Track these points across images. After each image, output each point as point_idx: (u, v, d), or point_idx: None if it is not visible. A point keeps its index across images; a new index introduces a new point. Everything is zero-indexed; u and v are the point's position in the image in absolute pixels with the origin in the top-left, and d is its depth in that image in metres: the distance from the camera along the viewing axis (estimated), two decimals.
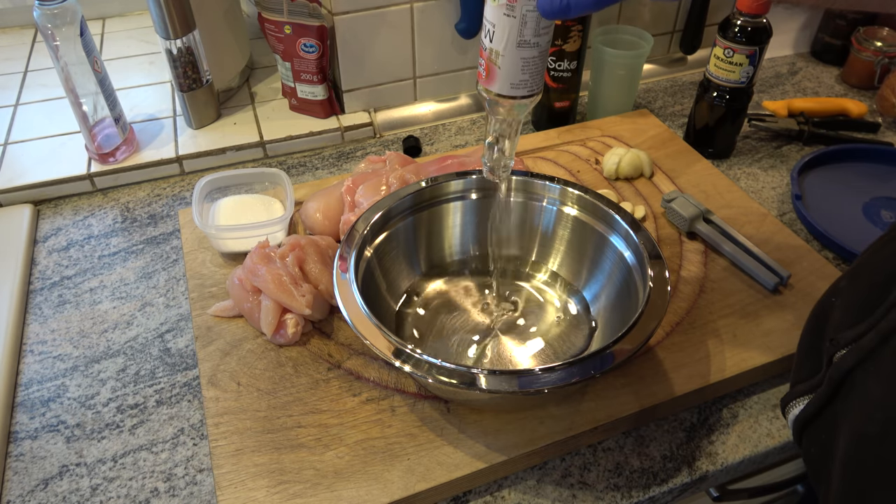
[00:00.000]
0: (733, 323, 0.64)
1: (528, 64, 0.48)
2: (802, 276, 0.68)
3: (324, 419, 0.56)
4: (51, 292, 0.71)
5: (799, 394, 0.45)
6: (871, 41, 1.01)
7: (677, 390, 0.58)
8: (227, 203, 0.74)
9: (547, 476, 0.55)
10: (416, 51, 0.91)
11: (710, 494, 0.66)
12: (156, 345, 0.66)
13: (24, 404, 0.61)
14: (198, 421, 0.59)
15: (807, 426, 0.45)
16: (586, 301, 0.65)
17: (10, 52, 1.08)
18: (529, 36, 0.47)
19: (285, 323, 0.61)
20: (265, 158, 0.90)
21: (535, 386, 0.47)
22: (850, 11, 1.06)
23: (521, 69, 0.49)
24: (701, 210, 0.73)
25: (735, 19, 0.79)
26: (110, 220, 0.80)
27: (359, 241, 0.59)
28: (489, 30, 0.48)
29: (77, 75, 0.77)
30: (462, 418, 0.56)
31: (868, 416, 0.38)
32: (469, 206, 0.67)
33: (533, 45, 0.47)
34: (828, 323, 0.45)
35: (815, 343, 0.46)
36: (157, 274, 0.73)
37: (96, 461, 0.56)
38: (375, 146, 0.92)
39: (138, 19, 1.16)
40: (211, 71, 0.89)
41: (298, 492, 0.51)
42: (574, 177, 0.81)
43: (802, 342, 0.48)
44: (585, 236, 0.65)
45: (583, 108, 0.98)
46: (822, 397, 0.42)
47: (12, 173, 0.82)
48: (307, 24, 0.84)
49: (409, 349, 0.50)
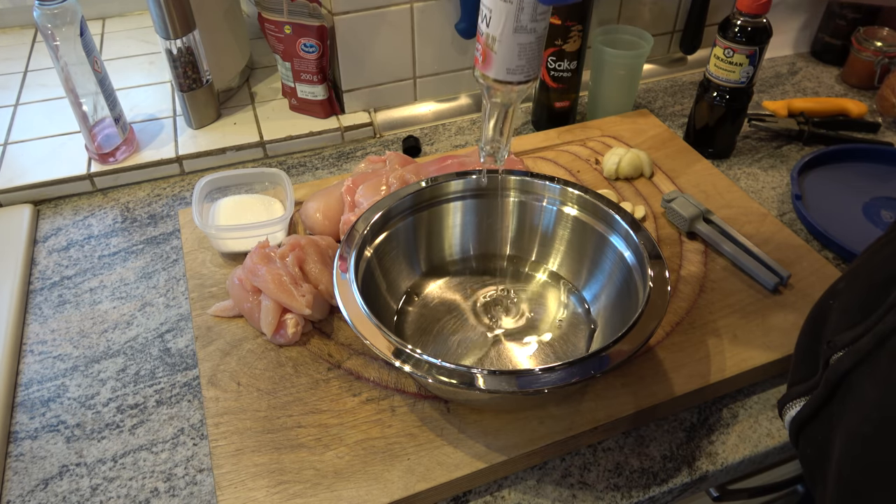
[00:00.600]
0: (733, 323, 0.64)
1: (525, 49, 0.48)
2: (802, 276, 0.68)
3: (324, 419, 0.56)
4: (51, 292, 0.71)
5: (795, 395, 0.45)
6: (871, 41, 1.01)
7: (677, 390, 0.58)
8: (227, 203, 0.74)
9: (547, 476, 0.55)
10: (416, 51, 0.91)
11: (710, 494, 0.66)
12: (156, 345, 0.66)
13: (24, 404, 0.61)
14: (198, 421, 0.59)
15: (803, 427, 0.45)
16: (586, 301, 0.65)
17: (10, 52, 1.08)
18: (526, 21, 0.47)
19: (285, 323, 0.61)
20: (265, 158, 0.90)
21: (535, 386, 0.47)
22: (851, 11, 1.06)
23: (518, 55, 0.48)
24: (701, 210, 0.73)
25: (735, 19, 0.79)
26: (110, 220, 0.80)
27: (359, 241, 0.59)
28: (486, 15, 0.47)
29: (77, 75, 0.77)
30: (462, 418, 0.56)
31: (864, 417, 0.38)
32: (469, 206, 0.67)
33: (530, 30, 0.47)
34: (825, 325, 0.45)
35: (812, 345, 0.46)
36: (157, 274, 0.73)
37: (96, 461, 0.56)
38: (375, 146, 0.92)
39: (138, 19, 1.16)
40: (211, 71, 0.89)
41: (298, 492, 0.51)
42: (574, 177, 0.81)
43: (800, 344, 0.48)
44: (585, 236, 0.65)
45: (583, 108, 0.98)
46: (819, 399, 0.42)
47: (12, 173, 0.82)
48: (307, 24, 0.84)
49: (409, 349, 0.50)
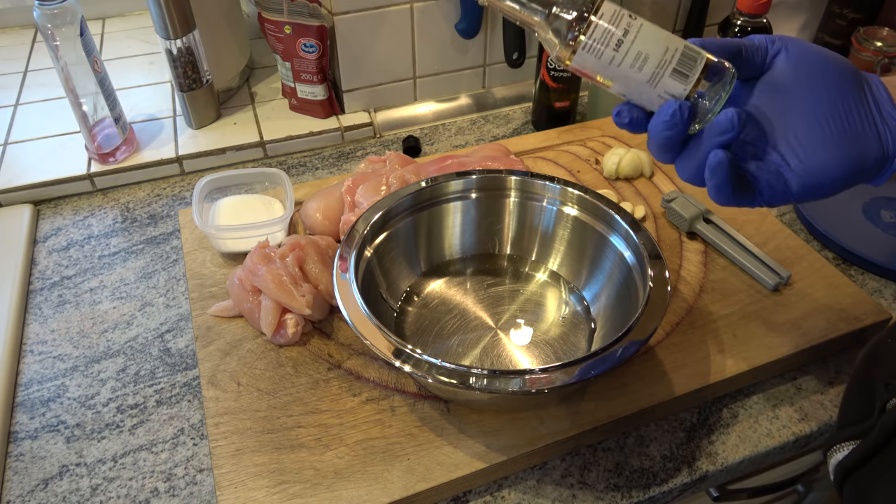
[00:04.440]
0: (733, 323, 0.64)
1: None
2: (802, 276, 0.68)
3: (324, 419, 0.56)
4: (51, 292, 0.71)
5: (845, 437, 0.43)
6: (871, 41, 1.01)
7: (677, 390, 0.58)
8: (227, 203, 0.74)
9: (547, 476, 0.55)
10: (416, 51, 0.91)
11: (710, 494, 0.66)
12: (156, 345, 0.66)
13: (24, 404, 0.61)
14: (198, 421, 0.59)
15: (850, 474, 0.42)
16: (586, 301, 0.65)
17: (10, 52, 1.08)
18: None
19: (285, 323, 0.61)
20: (265, 158, 0.90)
21: (535, 386, 0.47)
22: (851, 11, 1.06)
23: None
24: (701, 210, 0.73)
25: (735, 19, 0.79)
26: (110, 220, 0.80)
27: (359, 241, 0.59)
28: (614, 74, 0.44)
29: (77, 75, 0.77)
30: (462, 418, 0.56)
31: None
32: (469, 206, 0.67)
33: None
34: (882, 364, 0.43)
35: (867, 384, 0.44)
36: (157, 274, 0.73)
37: (96, 461, 0.56)
38: (375, 146, 0.92)
39: (138, 19, 1.16)
40: (211, 71, 0.89)
41: (298, 492, 0.51)
42: (574, 177, 0.81)
43: (853, 382, 0.46)
44: (585, 236, 0.65)
45: (583, 108, 0.98)
46: (871, 445, 0.40)
47: (12, 173, 0.82)
48: (307, 24, 0.84)
49: (409, 349, 0.50)
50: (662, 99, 0.44)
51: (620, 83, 0.44)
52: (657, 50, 0.43)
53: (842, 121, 0.42)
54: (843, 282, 0.68)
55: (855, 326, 0.63)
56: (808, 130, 0.42)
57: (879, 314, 0.64)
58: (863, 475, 0.41)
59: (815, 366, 0.64)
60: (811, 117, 0.42)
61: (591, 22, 0.43)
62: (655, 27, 0.43)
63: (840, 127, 0.42)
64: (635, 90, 0.44)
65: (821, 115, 0.42)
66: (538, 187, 0.66)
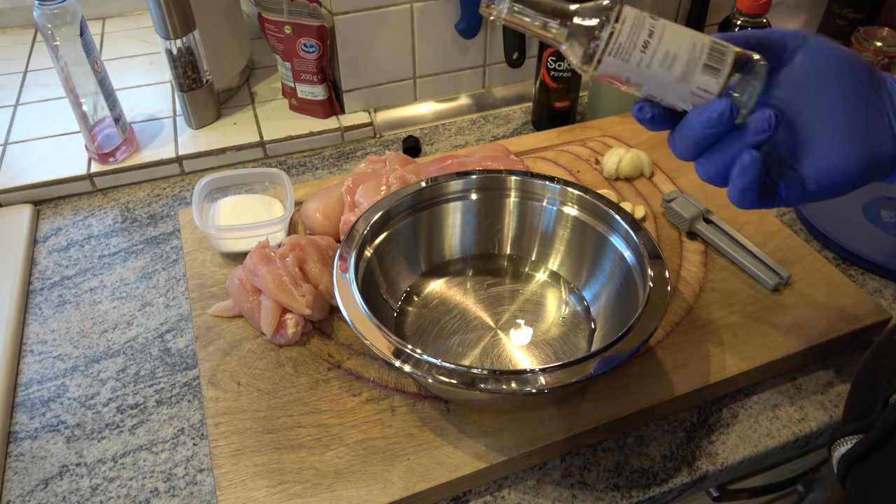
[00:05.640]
0: (733, 323, 0.64)
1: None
2: (802, 276, 0.68)
3: (324, 419, 0.56)
4: (51, 292, 0.71)
5: (849, 432, 0.43)
6: (871, 41, 1.01)
7: (677, 390, 0.58)
8: (227, 203, 0.74)
9: (547, 476, 0.55)
10: (416, 51, 0.91)
11: (710, 494, 0.66)
12: (156, 345, 0.66)
13: (24, 404, 0.61)
14: (198, 421, 0.59)
15: (852, 467, 0.42)
16: (586, 301, 0.65)
17: (10, 52, 1.08)
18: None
19: (285, 323, 0.61)
20: (265, 158, 0.90)
21: (535, 386, 0.48)
22: (851, 11, 1.06)
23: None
24: (701, 210, 0.73)
25: (735, 19, 0.79)
26: (110, 220, 0.80)
27: (359, 241, 0.59)
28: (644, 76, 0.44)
29: (77, 75, 0.77)
30: (462, 418, 0.56)
31: None
32: (469, 206, 0.67)
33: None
34: (886, 362, 0.43)
35: (871, 381, 0.44)
36: (157, 274, 0.73)
37: (96, 461, 0.56)
38: (375, 146, 0.92)
39: (138, 19, 1.16)
40: (211, 71, 0.89)
41: (298, 492, 0.51)
42: (574, 177, 0.81)
43: (858, 379, 0.46)
44: (585, 236, 0.65)
45: (583, 108, 0.98)
46: (873, 439, 0.40)
47: (12, 173, 0.82)
48: (307, 24, 0.84)
49: (409, 349, 0.50)
50: (696, 96, 0.43)
51: (650, 85, 0.44)
52: (685, 47, 0.42)
53: (858, 118, 0.41)
54: (843, 282, 0.68)
55: (855, 326, 0.63)
56: (824, 128, 0.42)
57: (879, 314, 0.64)
58: (865, 468, 0.41)
59: (815, 366, 0.64)
60: (828, 114, 0.42)
61: (615, 27, 0.42)
62: (678, 25, 0.43)
63: (856, 124, 0.41)
64: (666, 90, 0.44)
65: (839, 112, 0.41)
66: (538, 187, 0.66)
